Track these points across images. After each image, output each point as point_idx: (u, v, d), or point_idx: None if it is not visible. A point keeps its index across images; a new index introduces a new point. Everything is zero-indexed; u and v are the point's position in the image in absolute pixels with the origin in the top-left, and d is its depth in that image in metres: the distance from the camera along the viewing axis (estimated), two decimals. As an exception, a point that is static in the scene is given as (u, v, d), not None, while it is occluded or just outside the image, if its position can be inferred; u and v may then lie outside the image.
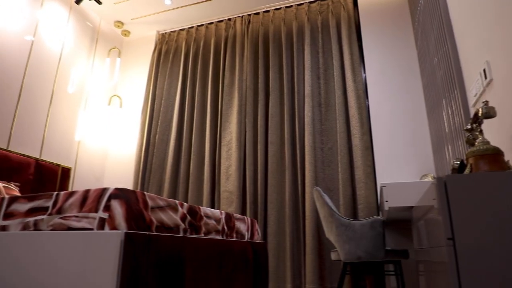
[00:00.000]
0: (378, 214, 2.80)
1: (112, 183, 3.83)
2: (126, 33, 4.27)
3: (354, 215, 2.86)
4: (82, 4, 3.76)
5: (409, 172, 2.85)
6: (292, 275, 2.84)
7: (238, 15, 3.82)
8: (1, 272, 1.29)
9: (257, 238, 2.24)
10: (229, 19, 3.89)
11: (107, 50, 4.11)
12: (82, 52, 3.76)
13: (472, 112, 1.76)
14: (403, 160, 2.88)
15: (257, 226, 2.25)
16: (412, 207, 2.02)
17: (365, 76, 3.22)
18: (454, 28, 1.99)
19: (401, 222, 2.78)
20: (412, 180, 2.49)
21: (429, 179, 2.65)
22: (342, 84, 3.18)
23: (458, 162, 1.21)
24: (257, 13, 3.78)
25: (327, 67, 3.32)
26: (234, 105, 3.47)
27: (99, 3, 3.66)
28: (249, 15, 3.79)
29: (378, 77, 3.16)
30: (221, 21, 3.94)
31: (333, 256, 2.30)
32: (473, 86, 1.71)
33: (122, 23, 4.08)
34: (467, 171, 1.09)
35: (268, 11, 3.74)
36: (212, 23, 3.97)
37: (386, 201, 2.01)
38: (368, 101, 3.14)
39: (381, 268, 2.72)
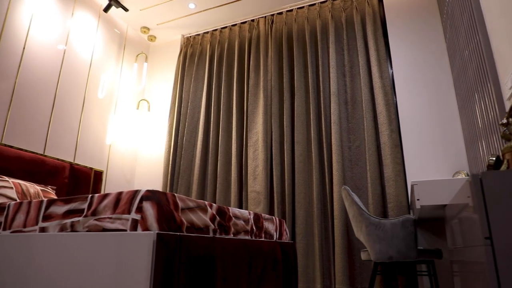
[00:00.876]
0: (409, 213, 2.74)
1: (142, 185, 3.93)
2: (152, 38, 4.36)
3: (384, 214, 2.81)
4: (110, 11, 3.87)
5: (440, 169, 2.77)
6: (321, 275, 2.82)
7: (261, 16, 3.83)
8: (41, 271, 1.35)
9: (286, 238, 2.24)
10: (253, 20, 3.90)
11: (134, 56, 4.22)
12: (111, 58, 3.88)
13: (507, 105, 1.69)
14: (434, 157, 2.80)
15: (285, 226, 2.25)
16: (445, 205, 1.96)
17: (392, 72, 3.16)
18: (485, 19, 1.92)
19: (434, 221, 2.70)
20: (444, 178, 2.42)
21: (462, 176, 2.56)
22: (368, 81, 3.13)
23: (494, 158, 1.17)
24: (280, 13, 3.77)
25: (353, 64, 3.28)
26: (259, 106, 3.48)
27: (126, 10, 3.77)
28: (272, 15, 3.79)
29: (406, 72, 3.08)
30: (245, 22, 3.96)
31: (363, 256, 2.27)
32: (507, 79, 1.64)
33: (148, 29, 4.18)
34: (503, 167, 1.05)
35: (291, 10, 3.73)
36: (235, 24, 4.00)
37: (418, 200, 1.96)
38: (396, 97, 3.08)
39: (414, 268, 2.65)
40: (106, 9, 3.65)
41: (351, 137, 3.10)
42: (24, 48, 2.95)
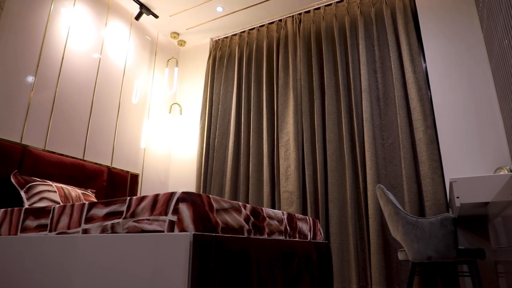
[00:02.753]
0: (448, 211, 2.64)
1: (176, 187, 4.02)
2: (182, 43, 4.45)
3: (421, 213, 2.73)
4: (141, 19, 3.99)
5: (480, 165, 2.65)
6: (357, 276, 2.77)
7: (289, 15, 3.82)
8: (83, 271, 1.41)
9: (320, 238, 2.22)
10: (280, 20, 3.90)
11: (165, 61, 4.33)
12: (143, 64, 3.99)
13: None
14: (473, 153, 2.69)
15: (319, 226, 2.23)
16: (487, 203, 1.88)
17: (426, 66, 3.06)
18: (526, 7, 1.83)
19: (475, 219, 2.60)
20: (485, 174, 2.32)
21: (505, 172, 2.45)
22: (401, 76, 3.05)
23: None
24: (308, 11, 3.75)
25: (384, 60, 3.21)
26: (289, 105, 3.47)
27: (156, 17, 3.87)
28: (300, 14, 3.77)
29: (440, 66, 2.98)
30: (272, 22, 3.96)
31: (401, 256, 2.21)
32: (553, 68, 1.55)
33: (178, 34, 4.27)
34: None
35: (318, 8, 3.69)
36: (263, 25, 4.01)
37: (457, 197, 1.89)
38: (430, 92, 2.98)
39: (454, 269, 2.56)
40: (137, 17, 3.77)
41: (384, 135, 3.03)
42: (62, 58, 3.10)
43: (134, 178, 3.54)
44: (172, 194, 1.32)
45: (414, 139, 2.89)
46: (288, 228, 1.82)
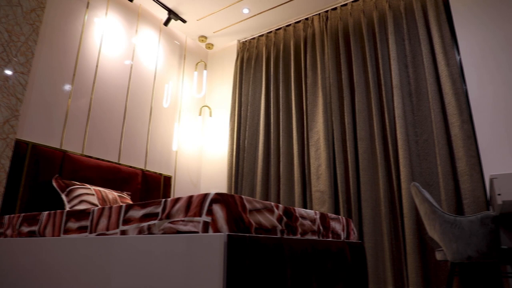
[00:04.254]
0: (488, 209, 2.53)
1: (208, 188, 4.08)
2: (209, 46, 4.51)
3: (460, 211, 2.63)
4: (169, 25, 4.08)
5: (523, 160, 2.53)
6: (393, 276, 2.71)
7: (315, 13, 3.79)
8: (121, 271, 1.46)
9: (354, 237, 2.19)
10: (307, 19, 3.88)
11: (194, 64, 4.40)
12: (173, 68, 4.08)
13: None
14: (514, 148, 2.56)
15: (352, 226, 2.20)
16: (531, 199, 1.79)
17: (460, 59, 2.95)
18: None
19: (518, 217, 2.48)
20: (528, 169, 2.21)
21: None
22: (433, 70, 2.95)
23: None
24: (334, 9, 3.70)
25: (415, 54, 3.12)
26: (319, 104, 3.44)
27: (184, 21, 3.95)
28: (326, 11, 3.73)
29: (476, 57, 2.86)
30: (299, 21, 3.94)
31: (439, 256, 2.14)
32: None
33: (206, 37, 4.33)
34: None
35: (345, 4, 3.64)
36: (289, 25, 4.00)
37: (499, 195, 1.81)
38: (465, 85, 2.87)
39: (497, 269, 2.45)
40: (166, 23, 3.86)
41: (418, 131, 2.94)
42: (97, 66, 3.22)
43: (167, 180, 3.63)
44: (205, 195, 1.34)
45: (450, 134, 2.79)
46: (321, 228, 1.81)
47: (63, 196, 2.44)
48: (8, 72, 2.47)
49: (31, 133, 2.65)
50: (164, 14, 3.93)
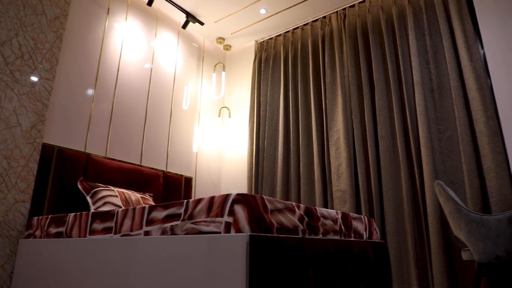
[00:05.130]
0: (517, 207, 2.45)
1: (228, 189, 4.10)
2: (227, 47, 4.54)
3: (486, 210, 2.56)
4: (187, 28, 4.13)
5: (553, 156, 2.44)
6: (417, 277, 2.66)
7: (333, 11, 3.76)
8: (145, 270, 1.48)
9: (376, 237, 2.16)
10: (324, 17, 3.85)
11: (212, 66, 4.44)
12: (192, 71, 4.13)
13: None
14: (543, 143, 2.48)
15: (374, 225, 2.18)
16: (562, 197, 1.73)
17: (484, 53, 2.87)
18: None
19: (549, 215, 2.39)
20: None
21: None
22: (456, 66, 2.88)
23: None
24: (352, 6, 3.66)
25: (436, 49, 3.05)
26: (338, 103, 3.41)
27: (202, 24, 3.98)
28: (344, 9, 3.69)
29: (500, 50, 2.77)
30: (316, 20, 3.92)
31: (465, 255, 2.09)
32: None
33: (223, 39, 4.36)
34: None
35: (363, 1, 3.59)
36: (307, 24, 3.98)
37: (527, 192, 1.76)
38: (490, 80, 2.79)
39: (527, 268, 2.37)
40: (184, 26, 3.91)
41: (441, 128, 2.88)
42: (118, 70, 3.28)
43: (188, 181, 3.67)
44: (227, 196, 1.35)
45: (474, 131, 2.72)
46: (343, 227, 1.80)
47: (88, 198, 2.50)
48: (34, 78, 2.56)
49: (56, 137, 2.73)
50: (182, 17, 3.97)
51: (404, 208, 2.84)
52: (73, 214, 2.05)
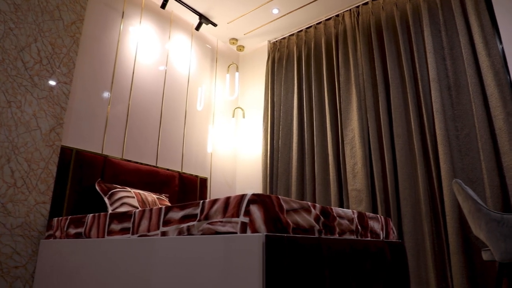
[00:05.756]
0: (539, 206, 2.39)
1: (243, 189, 4.11)
2: (240, 48, 4.55)
3: (507, 209, 2.50)
4: (200, 29, 4.15)
5: None
6: (436, 277, 2.61)
7: (346, 9, 3.73)
8: (162, 271, 1.50)
9: (393, 237, 2.14)
10: (337, 15, 3.82)
11: (226, 67, 4.46)
12: (205, 72, 4.15)
13: None
14: None
15: (391, 225, 2.15)
16: None
17: (502, 48, 2.80)
18: None
19: None
20: None
21: None
22: (473, 62, 2.82)
23: None
24: (366, 3, 3.63)
25: (453, 45, 2.99)
26: (353, 102, 3.38)
27: (215, 25, 4.00)
28: (357, 7, 3.66)
29: (521, 46, 2.70)
30: (329, 18, 3.89)
31: (485, 256, 2.05)
32: None
33: (236, 40, 4.37)
34: None
35: (377, -2, 3.56)
36: (320, 22, 3.96)
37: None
38: (509, 75, 2.72)
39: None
40: (197, 28, 3.94)
41: (458, 125, 2.83)
42: (133, 73, 3.33)
43: (203, 182, 3.69)
44: (242, 196, 1.36)
45: (493, 128, 2.66)
46: (359, 227, 1.78)
47: (106, 199, 2.54)
48: (53, 82, 2.61)
49: (74, 140, 2.79)
50: (195, 19, 4.00)
51: (422, 207, 2.80)
52: (91, 215, 2.09)
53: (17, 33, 2.47)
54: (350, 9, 3.69)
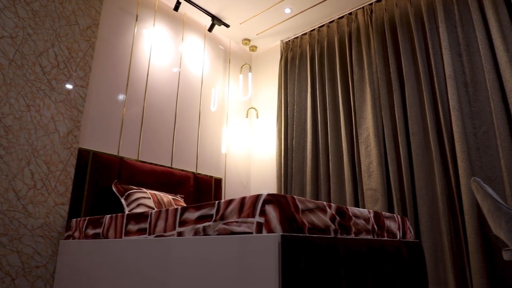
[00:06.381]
0: (562, 204, 2.33)
1: (258, 189, 4.12)
2: (253, 48, 4.56)
3: (528, 207, 2.44)
4: (213, 30, 4.18)
5: None
6: (454, 278, 2.57)
7: (359, 7, 3.70)
8: (178, 271, 1.51)
9: (410, 237, 2.11)
10: (350, 13, 3.79)
11: (239, 67, 4.47)
12: (218, 73, 4.17)
13: None
14: None
15: (408, 224, 2.12)
16: None
17: (521, 42, 2.73)
18: None
19: None
20: None
21: None
22: (491, 57, 2.77)
23: None
24: (379, 0, 3.59)
25: (469, 41, 2.94)
26: (367, 100, 3.35)
27: (227, 26, 4.02)
28: (371, 4, 3.62)
29: (540, 40, 2.64)
30: (342, 17, 3.87)
31: (506, 256, 2.00)
32: None
33: (249, 40, 4.38)
34: None
35: (391, -5, 3.52)
36: (332, 21, 3.94)
37: None
38: (529, 71, 2.65)
39: None
40: (210, 29, 3.96)
41: (476, 123, 2.77)
42: (147, 75, 3.37)
43: (218, 182, 3.71)
44: (258, 196, 1.36)
45: (513, 125, 2.60)
46: (375, 227, 1.77)
47: (122, 200, 2.58)
48: (69, 86, 2.66)
49: (91, 142, 2.84)
50: (208, 21, 4.03)
51: (439, 206, 2.76)
52: (109, 216, 2.12)
53: (35, 38, 2.53)
54: (363, 7, 3.66)
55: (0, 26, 2.36)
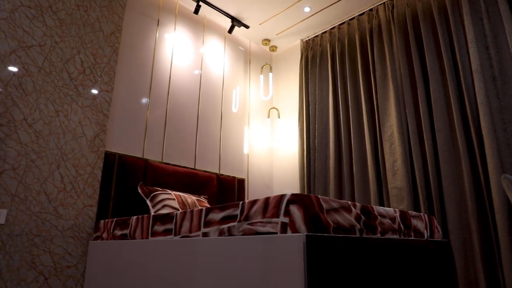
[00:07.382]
0: None
1: (281, 189, 4.11)
2: (273, 48, 4.56)
3: None
4: (233, 31, 4.20)
5: None
6: (485, 278, 2.49)
7: (380, 3, 3.64)
8: (204, 271, 1.53)
9: (438, 236, 2.06)
10: (371, 10, 3.73)
11: (259, 68, 4.48)
12: (239, 74, 4.19)
13: None
14: None
15: (436, 223, 2.08)
16: None
17: (553, 33, 2.62)
18: None
19: None
20: None
21: None
22: (520, 49, 2.67)
23: None
24: (401, -5, 3.52)
25: (497, 33, 2.84)
26: (390, 97, 3.29)
27: (247, 27, 4.04)
28: (392, -1, 3.56)
29: None
30: (362, 13, 3.81)
31: (541, 254, 1.93)
32: None
33: (269, 40, 4.38)
34: None
35: (413, -11, 3.44)
36: (353, 18, 3.89)
37: None
38: (562, 62, 2.55)
39: None
40: (230, 30, 3.98)
41: (505, 118, 2.68)
42: (170, 78, 3.42)
43: (241, 182, 3.73)
44: (282, 196, 1.36)
45: (545, 119, 2.50)
46: (401, 226, 1.74)
47: (148, 201, 2.63)
48: (95, 91, 2.74)
49: (117, 145, 2.91)
50: (227, 22, 4.05)
51: (468, 204, 2.68)
52: (135, 217, 2.17)
53: (62, 46, 2.61)
54: (384, 2, 3.60)
55: (29, 36, 2.45)
